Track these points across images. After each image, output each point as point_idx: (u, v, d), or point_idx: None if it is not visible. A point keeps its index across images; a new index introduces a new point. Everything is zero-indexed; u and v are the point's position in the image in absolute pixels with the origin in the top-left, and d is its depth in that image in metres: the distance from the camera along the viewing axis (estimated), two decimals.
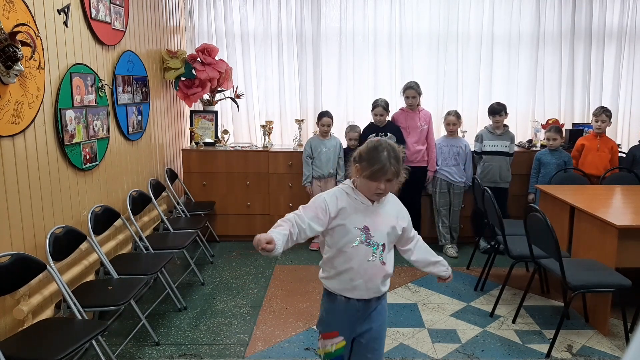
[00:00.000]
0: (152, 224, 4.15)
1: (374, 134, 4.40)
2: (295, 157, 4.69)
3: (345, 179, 4.44)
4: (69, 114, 2.94)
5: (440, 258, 2.14)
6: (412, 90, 4.39)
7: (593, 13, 5.17)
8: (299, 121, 4.95)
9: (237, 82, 5.16)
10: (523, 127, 5.33)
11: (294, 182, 4.75)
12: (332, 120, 4.55)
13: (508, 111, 4.58)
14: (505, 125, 4.54)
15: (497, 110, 4.45)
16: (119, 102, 3.65)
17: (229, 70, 4.95)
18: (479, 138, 4.58)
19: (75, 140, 3.00)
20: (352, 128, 4.58)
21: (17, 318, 2.41)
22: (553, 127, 4.49)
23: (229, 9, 5.13)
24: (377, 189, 1.82)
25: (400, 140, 4.41)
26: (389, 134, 4.38)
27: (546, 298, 3.60)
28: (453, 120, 4.49)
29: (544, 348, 2.89)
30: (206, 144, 4.90)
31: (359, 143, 4.52)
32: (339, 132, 4.90)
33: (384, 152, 1.80)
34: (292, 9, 5.11)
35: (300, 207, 1.87)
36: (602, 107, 4.41)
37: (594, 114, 4.43)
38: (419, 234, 2.21)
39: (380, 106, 4.36)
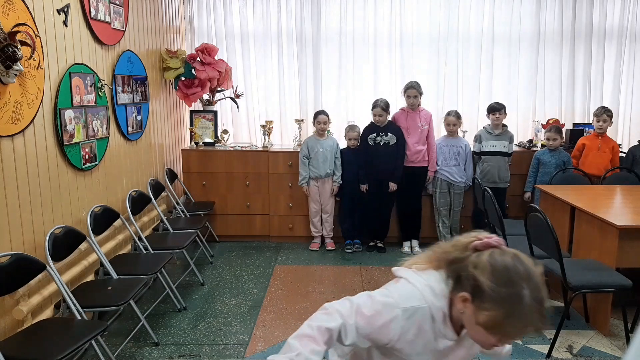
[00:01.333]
0: (151, 224, 4.15)
1: (374, 134, 4.40)
2: (295, 157, 4.68)
3: (340, 179, 4.54)
4: (69, 113, 2.94)
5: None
6: (413, 90, 4.38)
7: (594, 13, 5.16)
8: (299, 121, 4.94)
9: (236, 82, 5.15)
10: (523, 127, 5.32)
11: (294, 182, 4.74)
12: (329, 118, 4.56)
13: (509, 111, 4.58)
14: (504, 125, 4.54)
15: (497, 108, 4.45)
16: (118, 102, 3.64)
17: (228, 70, 4.95)
18: (478, 138, 4.57)
19: (74, 140, 3.00)
20: (351, 128, 4.56)
21: (16, 318, 2.40)
22: (553, 127, 4.49)
23: (229, 8, 5.12)
24: (499, 343, 1.14)
25: (402, 140, 4.41)
26: (389, 134, 4.37)
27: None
28: (453, 120, 4.48)
29: (544, 348, 2.89)
30: (206, 144, 4.89)
31: (358, 143, 4.52)
32: (339, 132, 4.90)
33: (523, 293, 1.07)
34: (292, 9, 5.10)
35: (355, 308, 1.20)
36: (603, 107, 4.40)
37: (595, 114, 4.43)
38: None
39: (379, 106, 4.35)
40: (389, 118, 4.47)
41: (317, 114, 4.56)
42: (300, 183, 4.57)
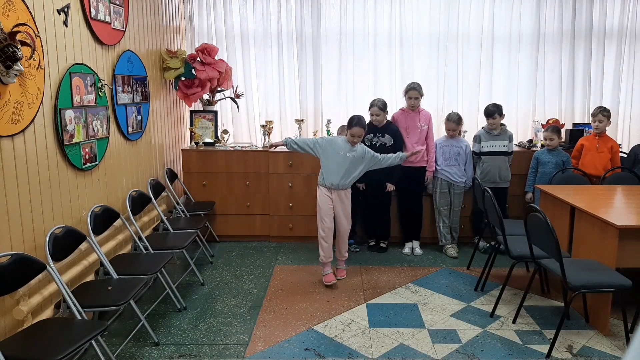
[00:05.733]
0: (151, 224, 4.15)
1: (371, 135, 4.39)
2: (295, 157, 4.68)
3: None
4: (69, 113, 2.94)
5: None
6: (415, 92, 4.38)
7: (593, 13, 5.17)
8: (299, 121, 4.94)
9: (236, 82, 5.16)
10: (523, 127, 5.32)
11: (294, 182, 4.74)
12: (364, 130, 3.74)
13: (509, 111, 4.58)
14: (503, 124, 4.54)
15: (491, 112, 4.44)
16: (118, 102, 3.64)
17: (228, 70, 4.95)
18: (477, 139, 4.57)
19: (74, 140, 3.00)
20: None
21: (16, 318, 2.40)
22: (551, 127, 4.49)
23: (229, 8, 5.13)
24: None
25: (399, 141, 4.40)
26: (386, 135, 4.36)
27: (546, 298, 3.60)
28: (452, 126, 4.46)
29: (544, 348, 2.89)
30: (206, 144, 4.90)
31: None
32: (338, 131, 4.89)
33: None
34: (292, 9, 5.10)
35: None
36: (600, 107, 4.40)
37: (592, 114, 4.43)
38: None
39: (375, 106, 4.33)
40: (388, 118, 4.46)
41: (352, 124, 3.70)
42: (284, 139, 3.92)
